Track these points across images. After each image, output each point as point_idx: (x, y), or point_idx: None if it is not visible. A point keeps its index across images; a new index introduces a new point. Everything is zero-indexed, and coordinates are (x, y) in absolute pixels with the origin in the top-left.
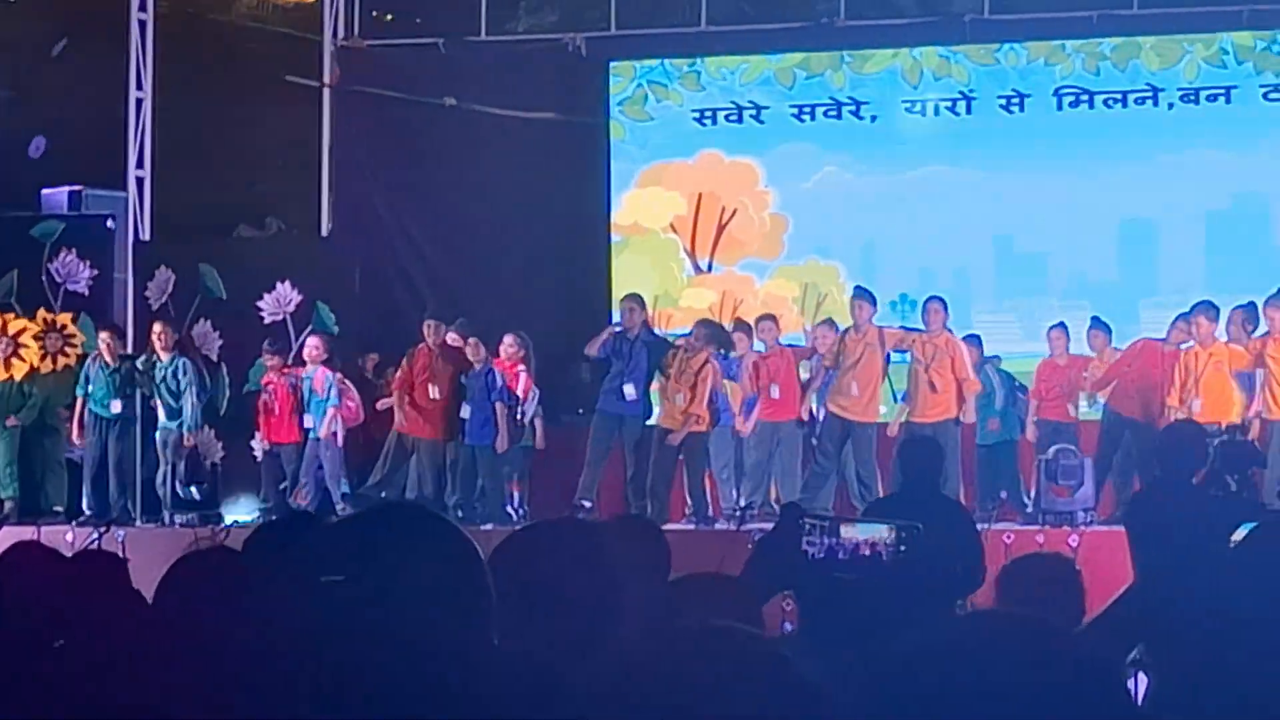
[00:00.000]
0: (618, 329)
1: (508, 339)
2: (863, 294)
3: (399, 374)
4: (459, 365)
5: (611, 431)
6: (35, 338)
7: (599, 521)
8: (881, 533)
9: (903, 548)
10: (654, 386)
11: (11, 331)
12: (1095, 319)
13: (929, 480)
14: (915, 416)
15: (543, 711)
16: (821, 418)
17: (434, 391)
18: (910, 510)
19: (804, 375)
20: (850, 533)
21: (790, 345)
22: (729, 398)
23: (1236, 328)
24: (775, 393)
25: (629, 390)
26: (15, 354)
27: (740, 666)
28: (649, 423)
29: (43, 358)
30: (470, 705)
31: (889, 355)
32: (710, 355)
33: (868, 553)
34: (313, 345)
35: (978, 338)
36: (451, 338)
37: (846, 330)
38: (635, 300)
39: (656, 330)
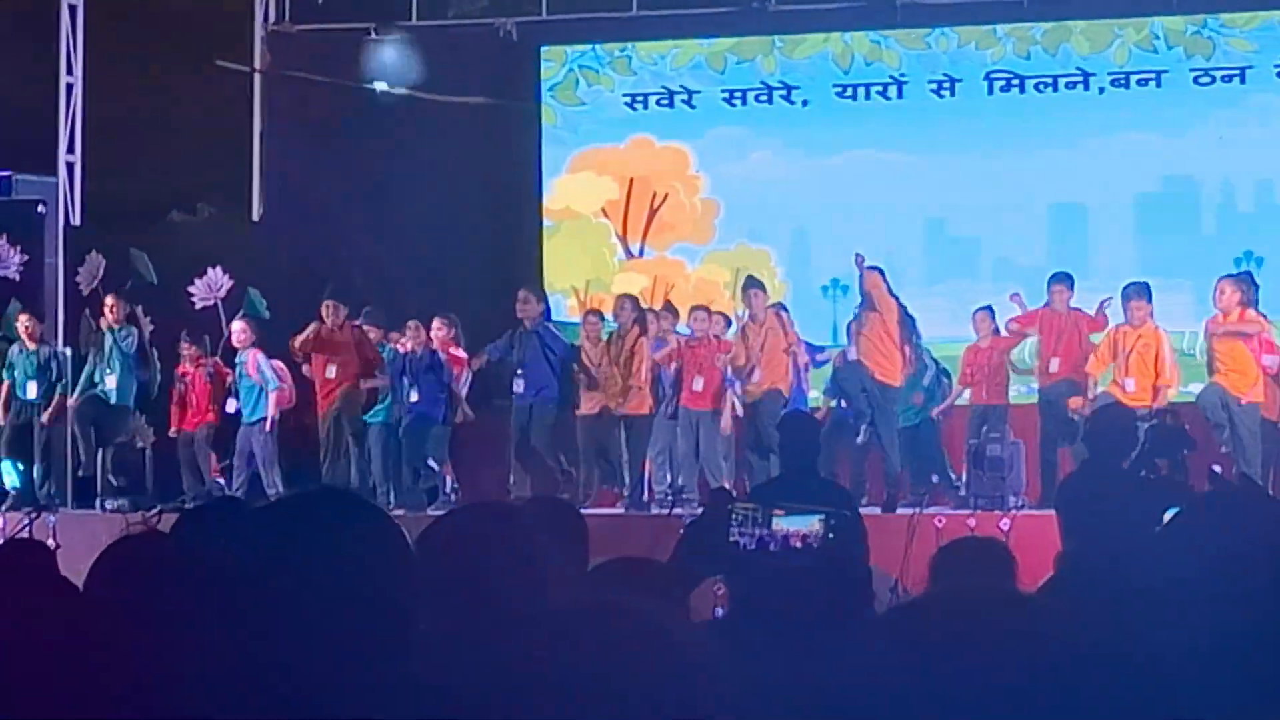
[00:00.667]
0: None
1: (436, 322)
2: (754, 284)
3: (302, 343)
4: (360, 346)
5: (523, 420)
6: None
7: (518, 505)
8: (813, 524)
9: (831, 535)
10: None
11: None
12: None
13: (807, 460)
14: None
15: (462, 692)
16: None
17: (331, 371)
18: (789, 492)
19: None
20: (781, 524)
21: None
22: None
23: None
24: (698, 385)
25: (518, 384)
26: None
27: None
28: (583, 412)
29: None
30: (394, 688)
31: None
32: (641, 333)
33: (799, 545)
34: (239, 330)
35: (912, 318)
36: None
37: (745, 324)
38: (532, 290)
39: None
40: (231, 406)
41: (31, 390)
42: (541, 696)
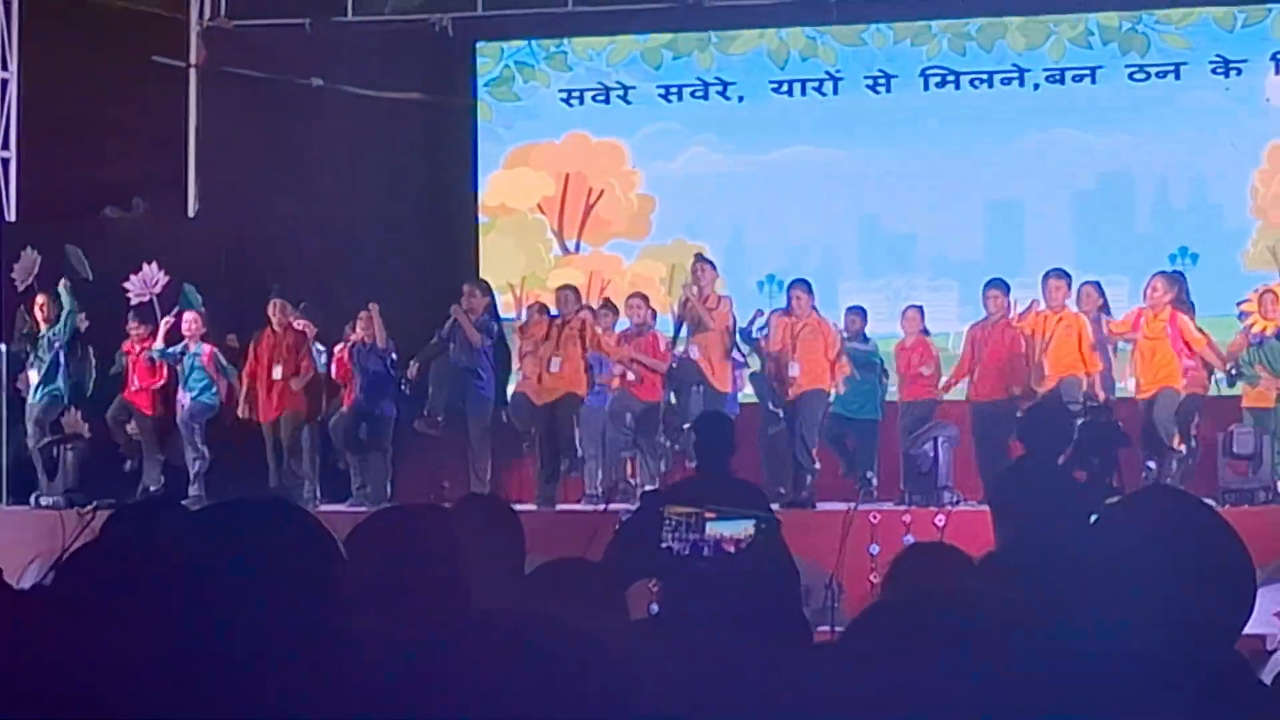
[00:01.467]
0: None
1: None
2: (704, 259)
3: (247, 364)
4: (305, 345)
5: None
6: None
7: (449, 505)
8: (747, 529)
9: (758, 538)
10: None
11: None
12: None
13: (721, 459)
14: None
15: (390, 694)
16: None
17: (277, 372)
18: (703, 491)
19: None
20: (715, 529)
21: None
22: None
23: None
24: (631, 375)
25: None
26: None
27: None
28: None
29: None
30: (325, 691)
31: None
32: (586, 319)
33: (731, 549)
34: (190, 320)
35: (863, 310)
36: (299, 322)
37: (686, 294)
38: (477, 285)
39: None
40: (186, 400)
41: None
42: (465, 699)
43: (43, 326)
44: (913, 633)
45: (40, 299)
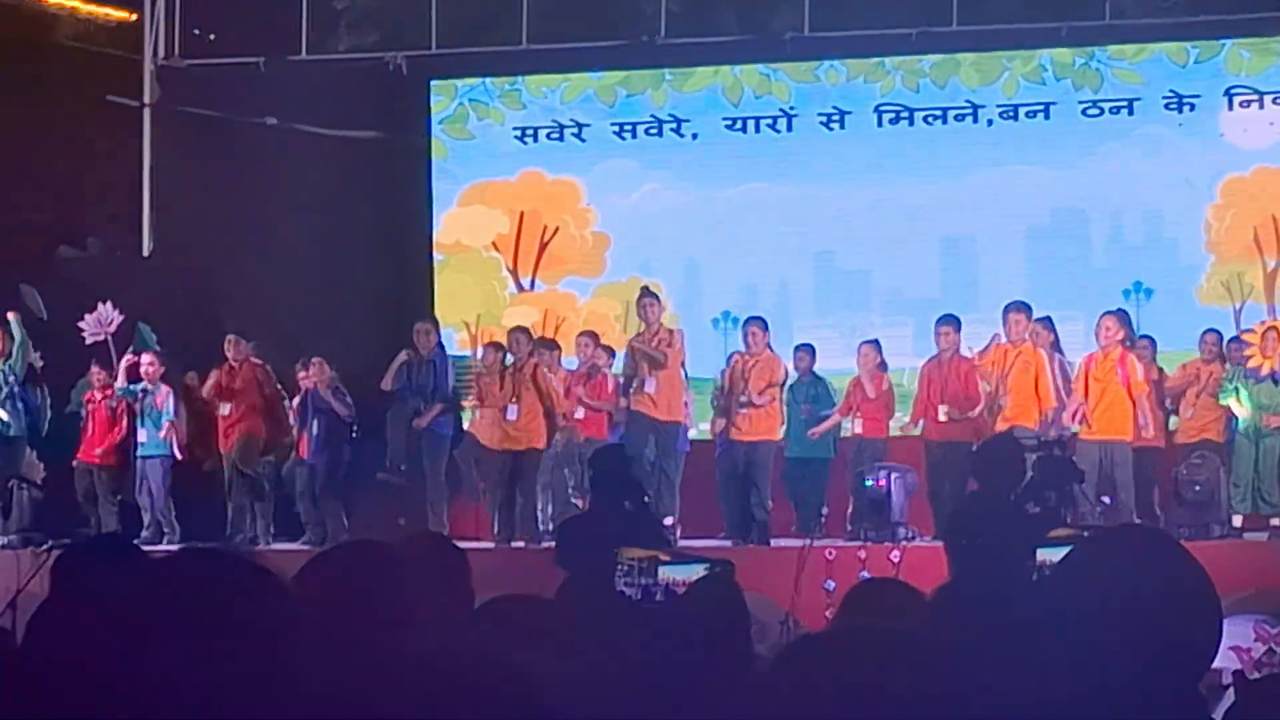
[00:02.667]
0: (405, 356)
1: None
2: (649, 295)
3: (209, 389)
4: (259, 378)
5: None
6: None
7: (395, 543)
8: (698, 572)
9: (706, 580)
10: (469, 404)
11: None
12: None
13: (617, 491)
14: (736, 435)
15: None
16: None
17: (225, 409)
18: (597, 523)
19: None
20: (667, 573)
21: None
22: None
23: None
24: (580, 413)
25: (423, 420)
26: None
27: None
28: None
29: None
30: None
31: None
32: (539, 363)
33: (682, 591)
34: (148, 362)
35: (811, 348)
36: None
37: (634, 338)
38: (430, 322)
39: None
40: (143, 436)
41: None
42: None
43: None
44: (841, 663)
45: None
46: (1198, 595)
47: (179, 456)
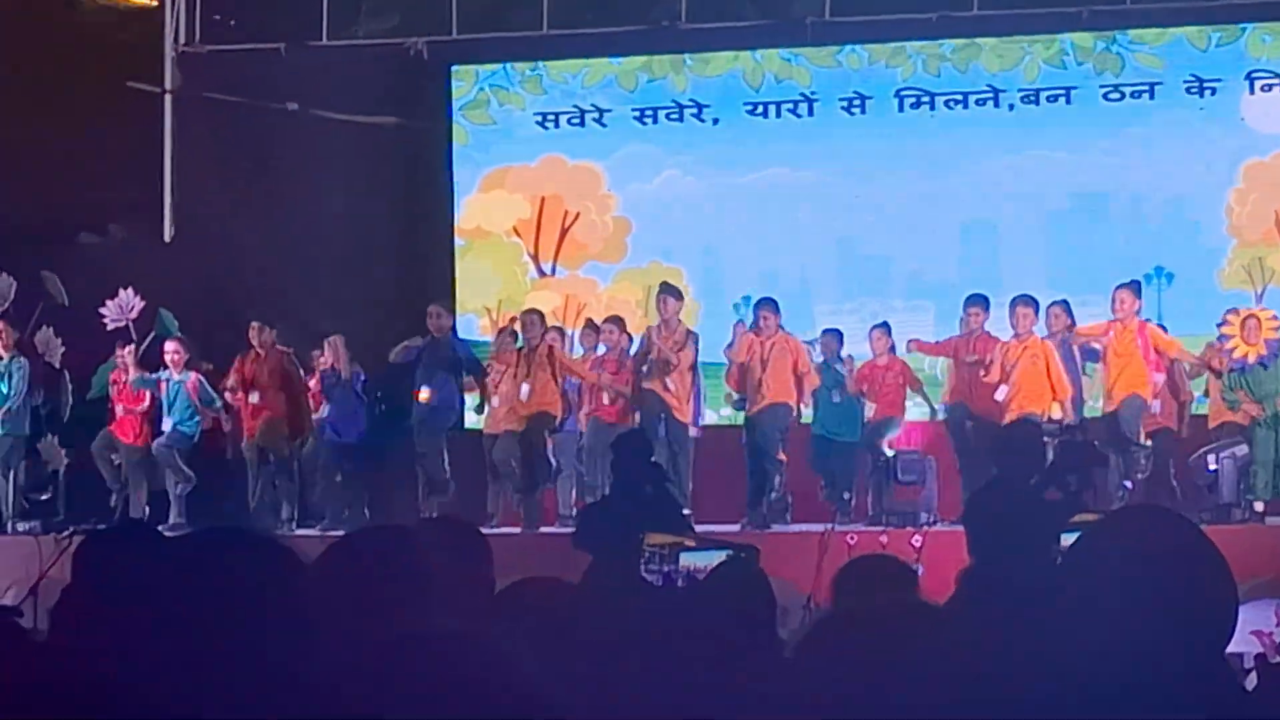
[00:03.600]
0: (416, 341)
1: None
2: (668, 290)
3: (231, 384)
4: (285, 365)
5: (423, 425)
6: None
7: (417, 526)
8: (719, 557)
9: (732, 565)
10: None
11: None
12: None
13: (638, 476)
14: (750, 410)
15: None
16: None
17: (255, 396)
18: (620, 507)
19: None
20: (689, 559)
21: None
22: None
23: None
24: (606, 399)
25: (424, 391)
26: None
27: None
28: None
29: None
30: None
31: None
32: (554, 343)
33: (704, 578)
34: (173, 350)
35: (839, 332)
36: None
37: (651, 329)
38: (443, 305)
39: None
40: (167, 424)
41: None
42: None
43: (3, 358)
44: (869, 645)
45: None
46: (1211, 570)
47: (213, 438)
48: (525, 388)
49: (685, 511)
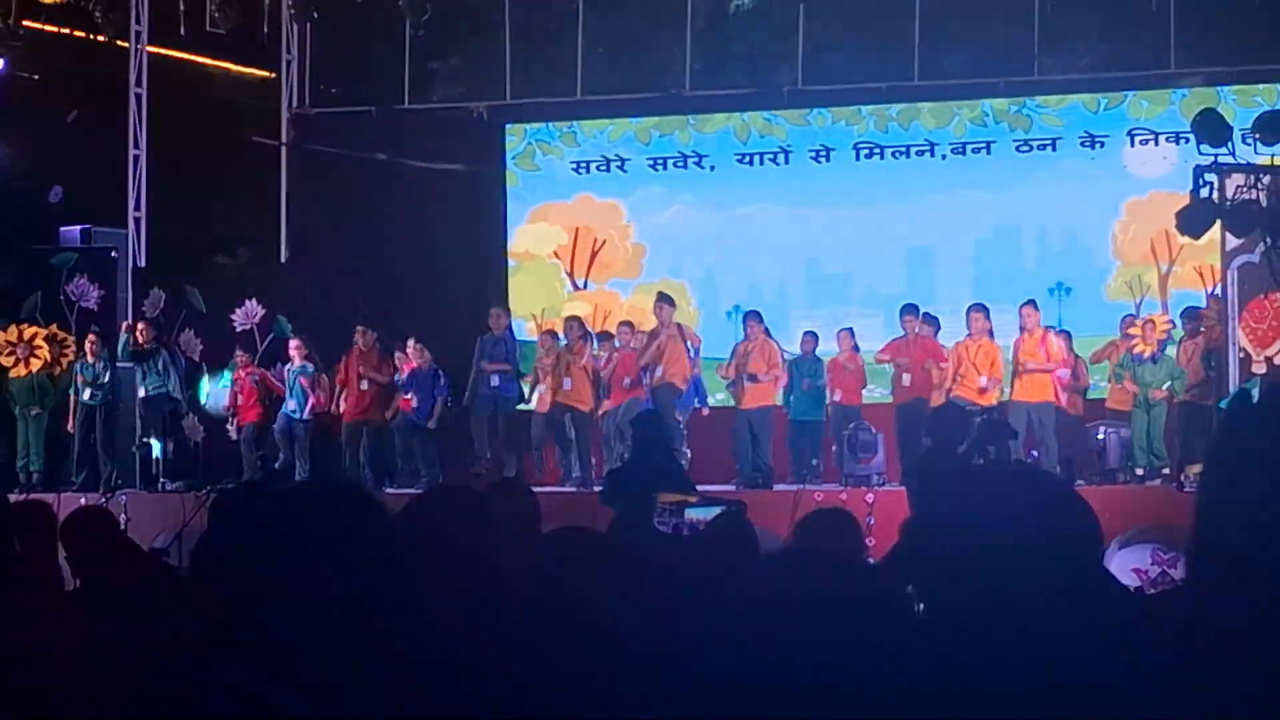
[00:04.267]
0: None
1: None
2: (663, 298)
3: (339, 373)
4: (381, 363)
5: (487, 408)
6: (45, 340)
7: (481, 488)
8: (716, 512)
9: (725, 517)
10: (529, 379)
11: (27, 337)
12: (979, 305)
13: (655, 447)
14: (742, 404)
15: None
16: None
17: (363, 384)
18: (635, 476)
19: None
20: (692, 514)
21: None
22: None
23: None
24: (626, 383)
25: (494, 379)
26: (31, 355)
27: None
28: (524, 408)
29: (52, 359)
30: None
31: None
32: (586, 347)
33: (703, 529)
34: (295, 347)
35: (815, 334)
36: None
37: (655, 331)
38: (503, 308)
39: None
40: (291, 406)
41: (86, 394)
42: (497, 651)
43: (143, 346)
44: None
45: (140, 325)
46: (1076, 507)
47: (320, 418)
48: (567, 380)
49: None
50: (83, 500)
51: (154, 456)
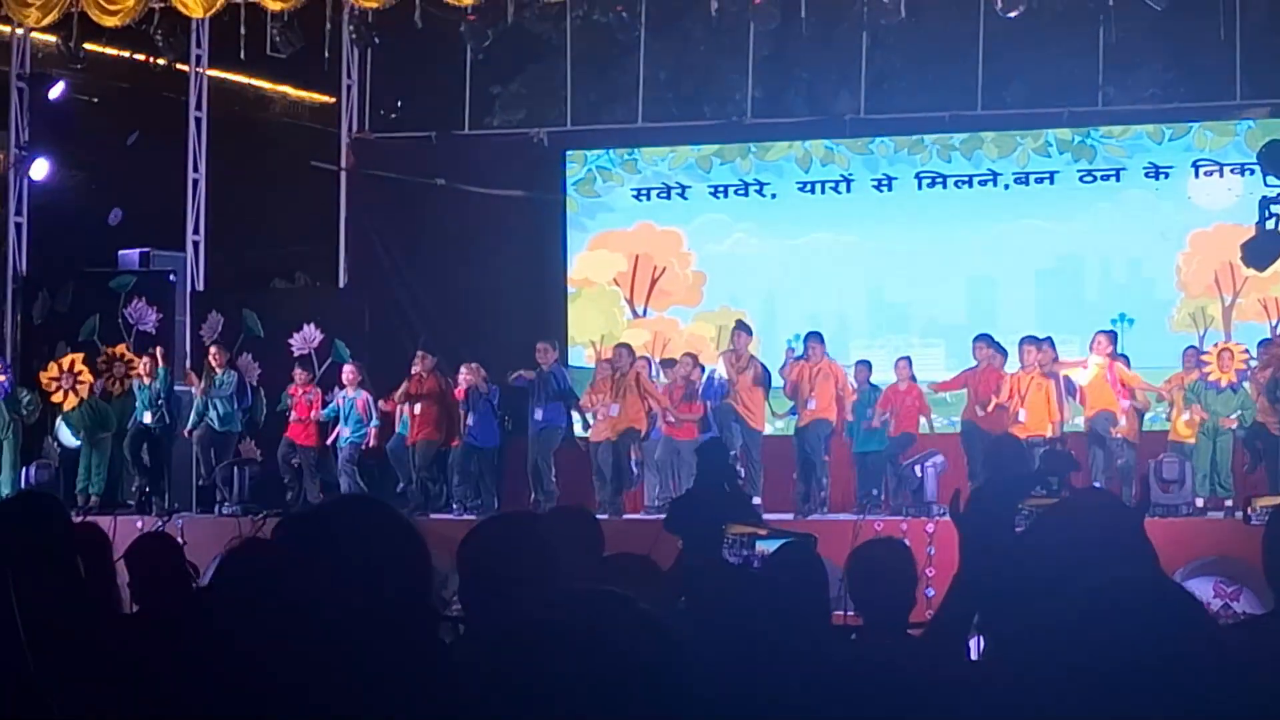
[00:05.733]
0: (525, 373)
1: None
2: (741, 327)
3: (401, 394)
4: (441, 385)
5: (535, 441)
6: (87, 364)
7: (541, 513)
8: (784, 542)
9: (793, 549)
10: (584, 403)
11: (67, 367)
12: (1030, 336)
13: (718, 476)
14: (800, 423)
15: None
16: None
17: (418, 407)
18: (701, 504)
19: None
20: (763, 546)
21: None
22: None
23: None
24: (671, 419)
25: (538, 413)
26: (76, 383)
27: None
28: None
29: (111, 383)
30: (411, 670)
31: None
32: (640, 371)
33: (770, 558)
34: (349, 372)
35: (868, 363)
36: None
37: (727, 353)
38: (549, 342)
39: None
40: (346, 433)
41: (147, 417)
42: (549, 666)
43: (218, 370)
44: None
45: (213, 351)
46: (1128, 522)
47: (372, 444)
48: (615, 407)
49: (756, 501)
50: (139, 523)
51: (217, 481)
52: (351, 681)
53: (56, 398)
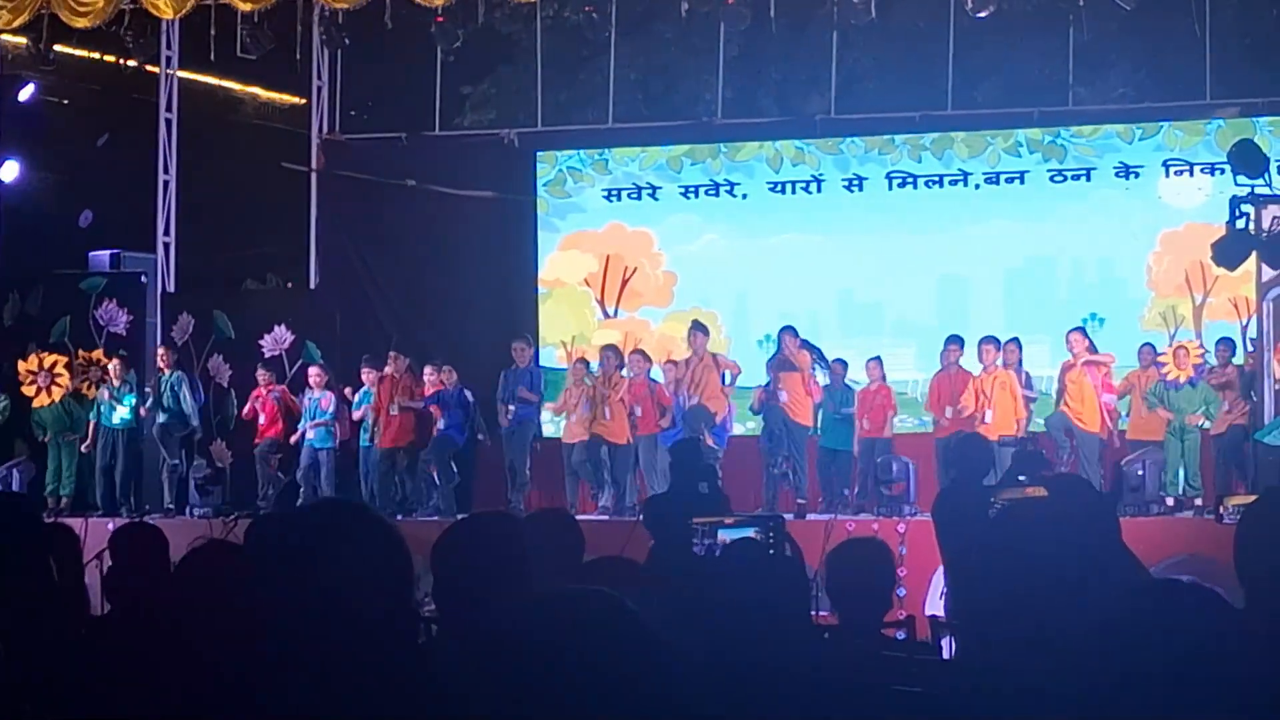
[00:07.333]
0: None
1: (431, 368)
2: (698, 327)
3: (373, 400)
4: (412, 389)
5: (510, 439)
6: (67, 368)
7: (520, 514)
8: (751, 535)
9: (769, 540)
10: (557, 407)
11: (47, 365)
12: (990, 337)
13: (692, 476)
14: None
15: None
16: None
17: (393, 409)
18: (675, 503)
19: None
20: (724, 535)
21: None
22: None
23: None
24: (638, 411)
25: (513, 409)
26: (53, 383)
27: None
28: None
29: (85, 386)
30: (390, 669)
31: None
32: (624, 380)
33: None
34: (315, 374)
35: (844, 362)
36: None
37: (688, 359)
38: (524, 340)
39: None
40: (311, 434)
41: (116, 417)
42: (532, 667)
43: (164, 371)
44: None
45: (160, 351)
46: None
47: (337, 448)
48: (607, 410)
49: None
50: (109, 525)
51: (184, 480)
52: (325, 684)
53: (29, 391)
